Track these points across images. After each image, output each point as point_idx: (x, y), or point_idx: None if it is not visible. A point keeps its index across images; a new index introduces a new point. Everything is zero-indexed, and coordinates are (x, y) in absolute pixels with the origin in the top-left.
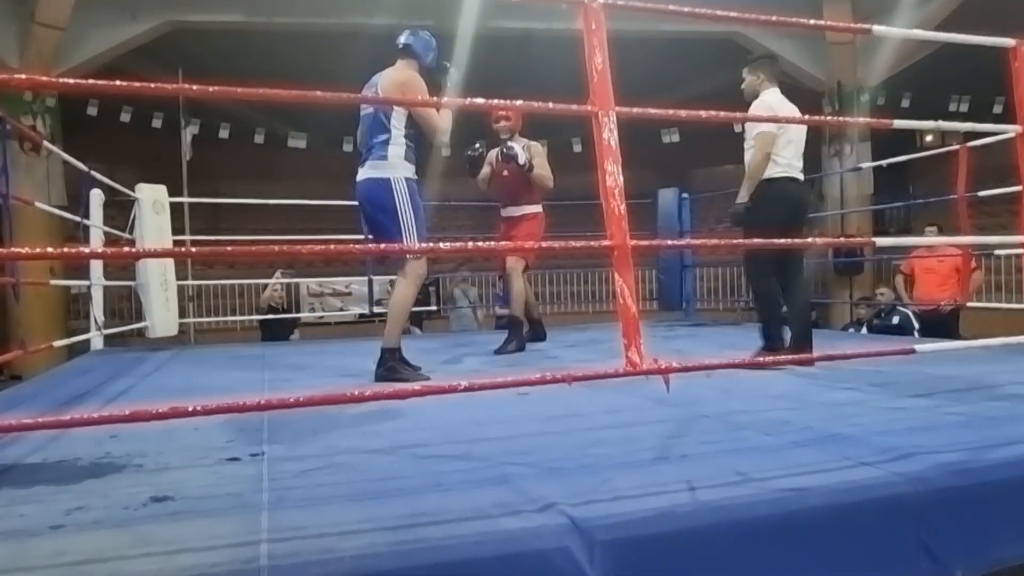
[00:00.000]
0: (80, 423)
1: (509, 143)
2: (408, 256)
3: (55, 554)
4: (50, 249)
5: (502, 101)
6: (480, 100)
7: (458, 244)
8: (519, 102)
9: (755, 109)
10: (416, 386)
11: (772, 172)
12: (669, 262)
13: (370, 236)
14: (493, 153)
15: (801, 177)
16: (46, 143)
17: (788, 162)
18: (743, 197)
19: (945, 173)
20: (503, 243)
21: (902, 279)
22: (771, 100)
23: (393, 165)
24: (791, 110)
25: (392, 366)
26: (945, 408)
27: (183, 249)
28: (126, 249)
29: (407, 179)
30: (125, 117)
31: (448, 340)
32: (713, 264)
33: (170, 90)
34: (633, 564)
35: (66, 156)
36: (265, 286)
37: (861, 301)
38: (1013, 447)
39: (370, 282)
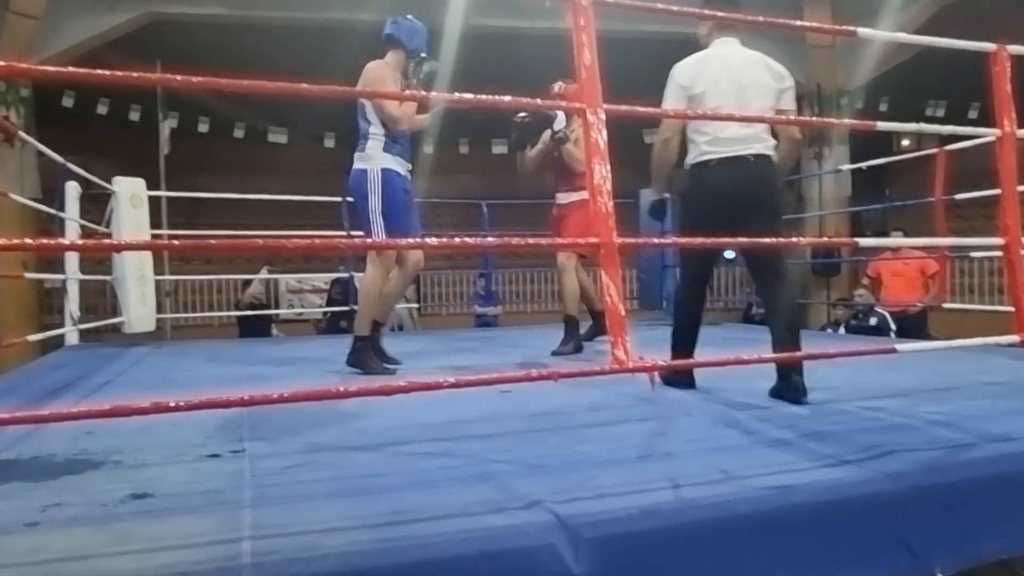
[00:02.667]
0: (58, 418)
1: (552, 113)
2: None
3: (31, 551)
4: (28, 240)
5: (489, 97)
6: (469, 95)
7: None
8: (508, 98)
9: (672, 73)
10: (401, 382)
11: (692, 156)
12: (650, 262)
13: (353, 226)
14: (547, 133)
15: (743, 153)
16: (21, 134)
17: (713, 138)
18: (656, 192)
19: (920, 177)
20: (469, 239)
21: (868, 283)
22: (698, 58)
23: (371, 157)
24: (740, 64)
25: (358, 355)
26: (924, 407)
27: (165, 242)
28: (107, 241)
29: (384, 169)
30: (102, 109)
31: (446, 337)
32: None
33: (152, 80)
34: (618, 561)
35: (42, 147)
36: (245, 282)
37: (839, 302)
38: (990, 445)
39: (351, 278)
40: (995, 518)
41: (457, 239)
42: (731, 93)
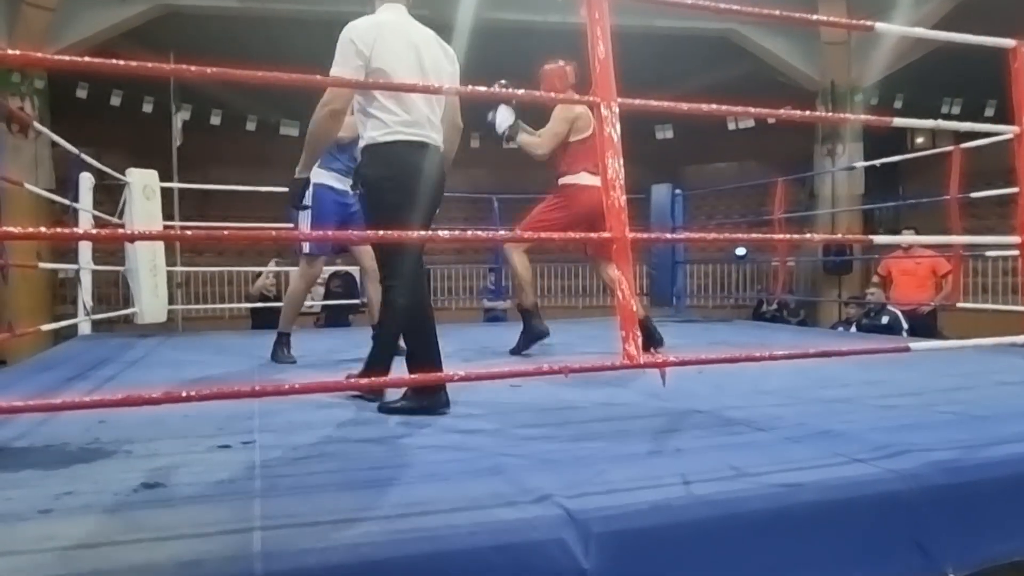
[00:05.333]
0: (72, 406)
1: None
2: (301, 255)
3: (44, 538)
4: (43, 229)
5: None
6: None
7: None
8: (521, 91)
9: (349, 36)
10: (411, 376)
11: (377, 133)
12: (660, 258)
13: None
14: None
15: (430, 140)
16: (36, 124)
17: (402, 118)
18: (303, 171)
19: (935, 175)
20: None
21: (878, 281)
22: (375, 22)
23: (315, 172)
24: (420, 40)
25: (275, 347)
26: (937, 407)
27: (175, 232)
28: (120, 231)
29: (316, 184)
30: (115, 101)
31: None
32: (703, 261)
33: (167, 71)
34: (627, 556)
35: (56, 138)
36: (256, 274)
37: (851, 300)
38: (1004, 446)
39: (361, 271)
40: (1008, 519)
41: (469, 232)
42: (416, 75)
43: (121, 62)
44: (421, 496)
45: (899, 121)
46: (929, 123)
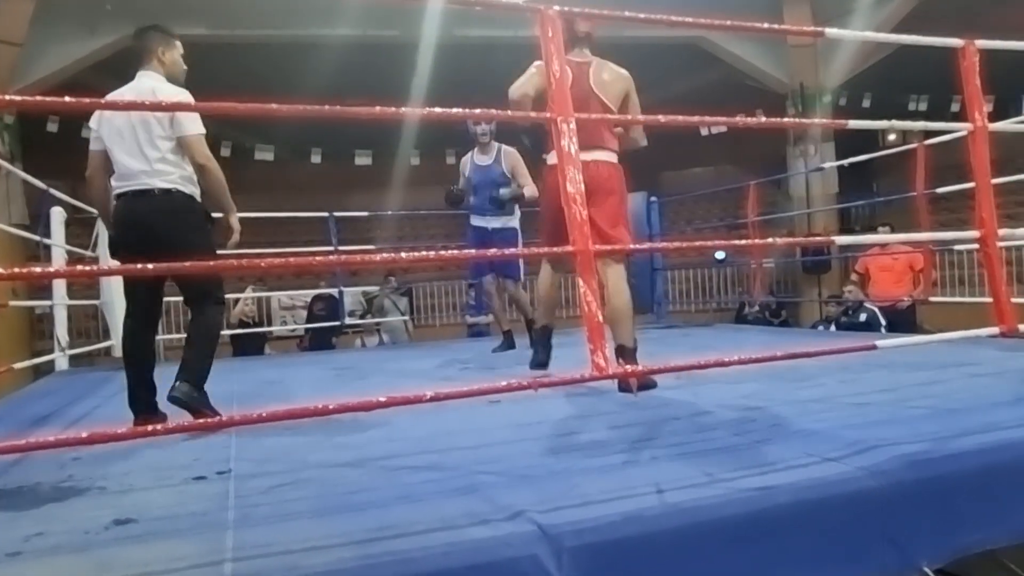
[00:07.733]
0: (36, 447)
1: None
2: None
3: None
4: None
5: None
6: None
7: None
8: (479, 110)
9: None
10: (382, 397)
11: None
12: (640, 265)
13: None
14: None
15: (144, 187)
16: (2, 163)
17: (118, 174)
18: (106, 228)
19: (908, 171)
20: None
21: (857, 279)
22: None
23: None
24: (131, 98)
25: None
26: (908, 401)
27: (139, 266)
28: (80, 268)
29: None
30: (87, 134)
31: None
32: (683, 267)
33: (123, 106)
34: (601, 569)
35: (23, 174)
36: (235, 301)
37: (830, 299)
38: (973, 437)
39: (340, 293)
40: (979, 509)
41: (431, 252)
42: (125, 130)
43: (75, 100)
44: (395, 519)
45: (854, 123)
46: (884, 124)
